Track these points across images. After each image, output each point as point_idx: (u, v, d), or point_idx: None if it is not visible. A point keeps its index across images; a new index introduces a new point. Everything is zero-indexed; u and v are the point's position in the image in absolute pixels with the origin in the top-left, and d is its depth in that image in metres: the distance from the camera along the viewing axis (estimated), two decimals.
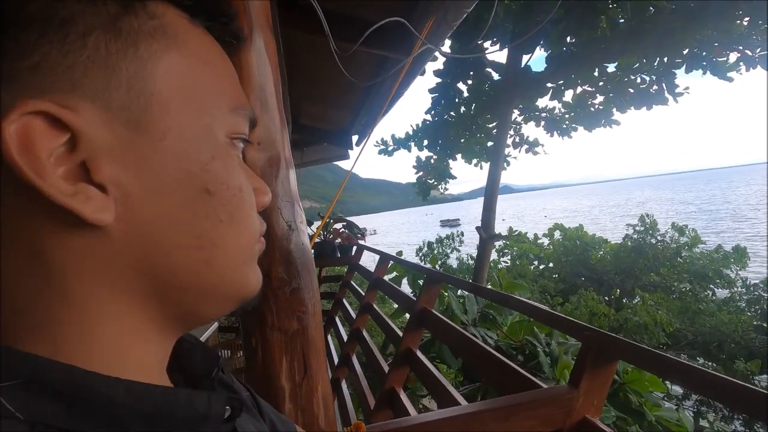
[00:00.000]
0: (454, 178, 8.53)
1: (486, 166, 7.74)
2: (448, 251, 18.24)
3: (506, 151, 8.21)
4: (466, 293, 4.46)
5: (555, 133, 7.88)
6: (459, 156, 8.42)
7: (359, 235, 5.15)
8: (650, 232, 15.12)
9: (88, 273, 0.25)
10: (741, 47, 5.18)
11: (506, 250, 17.51)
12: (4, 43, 0.22)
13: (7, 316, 0.25)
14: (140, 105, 0.26)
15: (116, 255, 0.26)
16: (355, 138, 4.73)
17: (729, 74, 5.56)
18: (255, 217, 0.32)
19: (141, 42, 0.26)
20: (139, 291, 0.27)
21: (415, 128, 8.48)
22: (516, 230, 17.70)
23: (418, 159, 8.61)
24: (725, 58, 5.41)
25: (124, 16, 0.25)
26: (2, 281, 0.24)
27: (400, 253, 9.79)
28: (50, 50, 0.23)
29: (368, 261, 4.87)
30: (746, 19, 4.85)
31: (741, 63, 5.34)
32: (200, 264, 0.29)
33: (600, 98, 7.16)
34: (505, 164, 8.14)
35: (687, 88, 6.32)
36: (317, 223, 4.49)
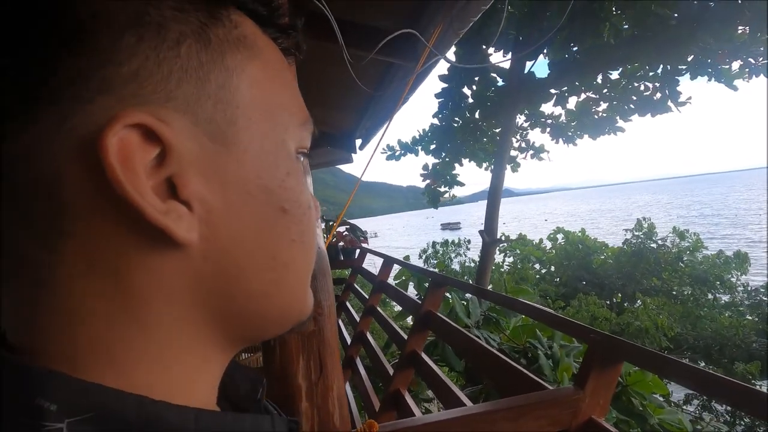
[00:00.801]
0: (462, 185, 8.54)
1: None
2: (452, 256, 18.19)
3: (514, 154, 8.27)
4: (469, 296, 4.49)
5: (560, 140, 7.93)
6: (465, 160, 8.44)
7: (362, 238, 5.18)
8: (650, 236, 15.15)
9: (164, 296, 0.24)
10: (743, 55, 5.23)
11: (508, 252, 17.54)
12: (102, 46, 0.21)
13: (64, 342, 0.22)
14: (226, 117, 0.25)
15: (193, 277, 0.24)
16: (358, 142, 4.77)
17: (735, 82, 5.60)
18: (319, 236, 0.33)
19: (228, 52, 0.25)
20: (211, 314, 0.26)
21: (422, 133, 8.51)
22: (523, 234, 17.75)
23: (426, 166, 8.62)
24: (728, 66, 5.45)
25: (212, 24, 0.24)
26: (65, 303, 0.22)
27: (407, 257, 9.82)
28: (148, 57, 0.22)
29: (370, 264, 4.90)
30: (747, 28, 4.90)
31: (746, 70, 5.39)
32: (271, 286, 0.27)
33: (603, 105, 7.20)
34: (511, 167, 8.19)
35: (690, 97, 6.36)
36: (321, 226, 4.52)
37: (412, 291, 5.75)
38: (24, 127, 0.21)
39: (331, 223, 4.61)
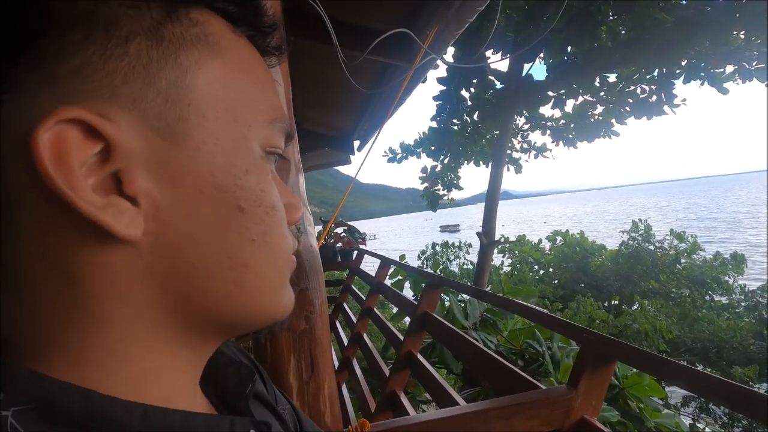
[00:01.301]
0: (461, 188, 8.57)
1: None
2: (452, 257, 18.16)
3: (517, 155, 8.32)
4: (467, 298, 4.49)
5: (561, 142, 7.98)
6: (465, 162, 8.48)
7: (360, 240, 5.18)
8: (647, 238, 15.18)
9: (114, 290, 0.24)
10: (737, 59, 5.28)
11: (506, 253, 17.56)
12: (47, 43, 0.21)
13: (26, 334, 0.23)
14: (177, 114, 0.24)
15: (144, 272, 0.24)
16: (356, 143, 4.77)
17: (725, 85, 5.67)
18: (287, 236, 0.30)
19: (182, 50, 0.25)
20: (166, 310, 0.26)
21: (422, 135, 8.55)
22: (523, 236, 17.76)
23: (425, 169, 8.65)
24: (722, 70, 5.50)
25: (168, 22, 0.24)
26: (22, 297, 0.23)
27: (402, 257, 9.81)
28: (93, 53, 0.22)
29: (368, 265, 4.89)
30: (743, 33, 4.94)
31: (737, 75, 5.44)
32: (230, 285, 0.27)
33: (600, 109, 7.26)
34: (514, 168, 8.23)
35: (684, 99, 6.43)
36: (318, 228, 4.52)
37: (408, 291, 5.75)
38: None
39: (325, 222, 4.61)
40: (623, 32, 5.64)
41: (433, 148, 8.38)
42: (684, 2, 5.08)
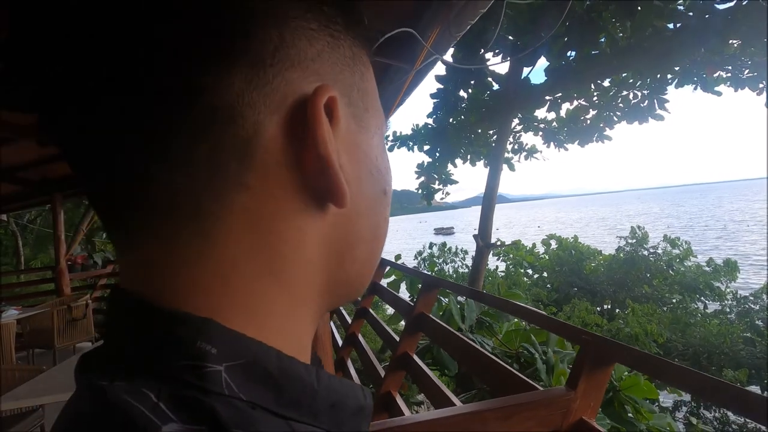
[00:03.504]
0: (455, 182, 8.61)
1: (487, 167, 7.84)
2: (448, 261, 18.14)
3: (508, 155, 8.37)
4: (464, 300, 4.49)
5: (552, 144, 8.04)
6: (459, 161, 8.52)
7: None
8: (642, 243, 15.29)
9: (301, 254, 0.25)
10: (730, 67, 5.35)
11: (501, 256, 17.61)
12: (296, 27, 0.25)
13: (215, 295, 0.23)
14: (364, 104, 0.29)
15: (324, 239, 0.27)
16: None
17: (716, 88, 5.75)
18: None
19: (362, 55, 0.30)
20: (327, 277, 0.28)
21: (415, 128, 8.57)
22: (517, 240, 17.80)
23: (420, 165, 8.68)
24: (716, 75, 5.57)
25: (353, 43, 0.29)
26: (220, 256, 0.23)
27: (398, 257, 9.81)
28: (324, 44, 0.26)
29: None
30: (738, 42, 5.00)
31: (729, 82, 5.52)
32: (368, 256, 0.30)
33: (592, 113, 7.33)
34: (507, 166, 8.27)
35: (666, 108, 6.54)
36: None
37: (404, 291, 5.75)
38: (219, 80, 0.22)
39: None
40: (622, 39, 5.69)
41: (427, 145, 8.41)
42: (681, 7, 5.12)
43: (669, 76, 6.12)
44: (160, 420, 0.19)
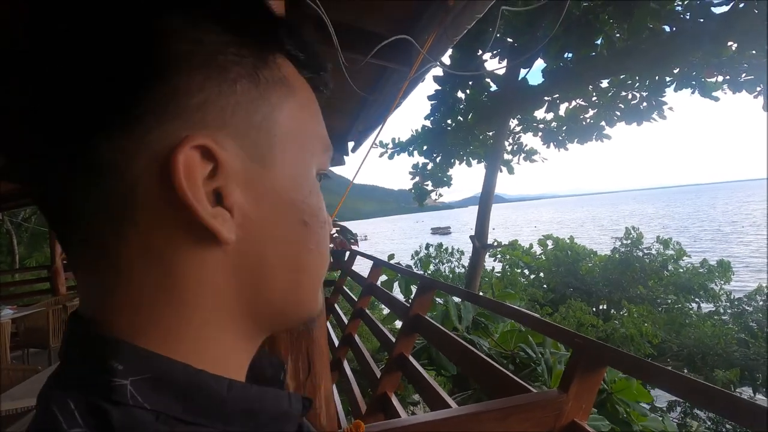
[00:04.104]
0: (449, 185, 8.60)
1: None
2: (444, 261, 18.14)
3: (507, 157, 8.37)
4: (459, 300, 4.51)
5: (552, 144, 8.05)
6: (456, 162, 8.50)
7: (353, 241, 5.19)
8: (637, 244, 15.37)
9: (206, 285, 0.28)
10: (728, 70, 5.37)
11: (498, 257, 17.64)
12: (181, 79, 0.26)
13: (126, 317, 0.27)
14: (267, 143, 0.30)
15: (229, 269, 0.29)
16: (350, 144, 4.78)
17: (714, 93, 5.77)
18: (328, 246, 0.36)
19: (272, 90, 0.30)
20: (242, 304, 0.30)
21: (415, 133, 8.56)
22: (514, 241, 17.83)
23: (415, 165, 8.67)
24: (714, 79, 5.59)
25: (262, 67, 0.29)
26: (127, 285, 0.27)
27: (391, 256, 9.82)
28: (211, 92, 0.27)
29: (360, 267, 4.90)
30: (735, 45, 5.02)
31: (726, 86, 5.54)
32: (291, 285, 0.32)
33: (592, 113, 7.35)
34: (507, 169, 8.28)
35: (670, 107, 6.56)
36: None
37: (396, 292, 5.75)
38: (112, 136, 0.25)
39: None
40: (619, 41, 5.71)
41: (425, 147, 8.40)
42: (680, 7, 5.14)
43: (668, 78, 6.15)
44: (68, 425, 0.23)
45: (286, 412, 0.31)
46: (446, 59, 6.47)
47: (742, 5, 4.63)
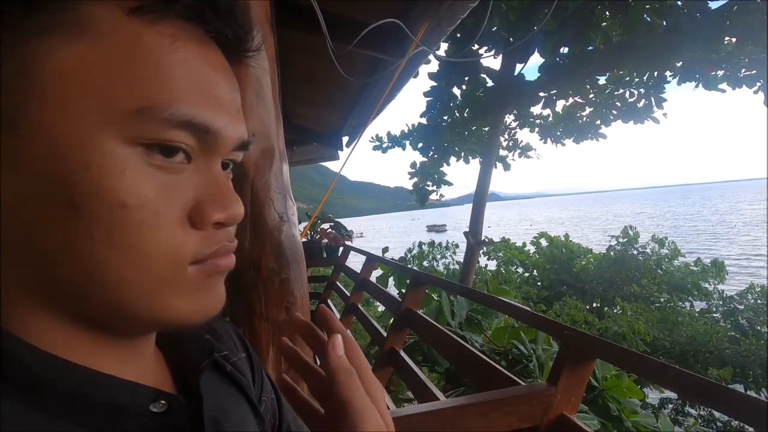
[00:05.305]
0: (450, 184, 8.60)
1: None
2: (438, 257, 18.17)
3: (504, 153, 8.37)
4: (452, 297, 4.49)
5: (548, 140, 8.05)
6: (453, 159, 8.50)
7: (346, 236, 5.16)
8: (632, 243, 15.45)
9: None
10: (728, 66, 5.38)
11: (492, 254, 17.68)
12: None
13: None
14: (14, 101, 0.24)
15: (17, 263, 0.26)
16: (345, 139, 4.76)
17: (720, 86, 5.77)
18: (163, 239, 0.27)
19: (37, 37, 0.24)
20: (32, 291, 0.27)
21: (410, 128, 8.54)
22: (507, 238, 17.88)
23: (414, 165, 8.65)
24: (715, 74, 5.60)
25: (30, 12, 0.24)
26: None
27: (385, 249, 9.82)
28: None
29: (354, 262, 4.88)
30: (734, 39, 5.03)
31: (726, 81, 5.55)
32: (81, 277, 0.26)
33: (588, 110, 7.34)
34: (503, 166, 8.28)
35: (665, 113, 6.57)
36: (305, 224, 4.49)
37: (392, 287, 5.74)
38: None
39: (313, 218, 4.58)
40: (616, 36, 5.70)
41: (421, 144, 8.39)
42: (680, 2, 5.13)
43: (668, 73, 6.13)
44: None
45: (123, 405, 0.27)
46: (441, 53, 6.45)
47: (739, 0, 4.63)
